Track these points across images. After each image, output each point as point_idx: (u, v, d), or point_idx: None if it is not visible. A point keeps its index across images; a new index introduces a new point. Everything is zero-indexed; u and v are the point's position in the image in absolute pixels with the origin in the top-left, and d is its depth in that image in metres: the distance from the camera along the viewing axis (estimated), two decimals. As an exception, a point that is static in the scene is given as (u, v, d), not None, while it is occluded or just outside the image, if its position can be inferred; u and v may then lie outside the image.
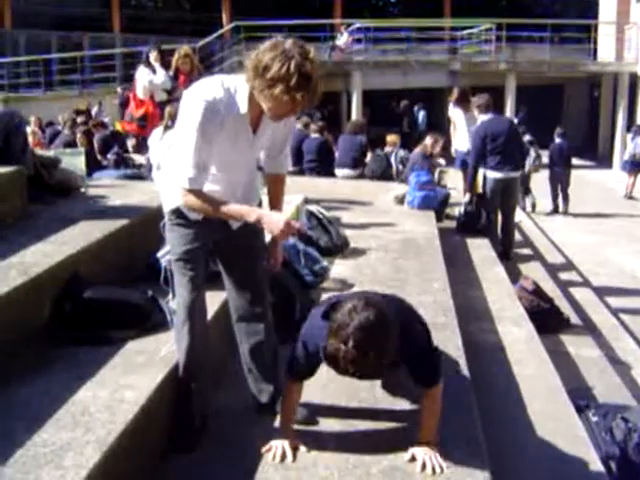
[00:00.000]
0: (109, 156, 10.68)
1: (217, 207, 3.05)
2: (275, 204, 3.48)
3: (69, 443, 2.65)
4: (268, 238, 3.39)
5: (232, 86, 2.99)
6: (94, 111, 17.29)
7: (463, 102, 9.65)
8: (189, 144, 2.95)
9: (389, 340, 2.67)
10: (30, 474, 2.44)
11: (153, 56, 9.09)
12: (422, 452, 3.00)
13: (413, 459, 2.99)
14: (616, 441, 4.29)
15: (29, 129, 12.21)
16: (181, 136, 2.99)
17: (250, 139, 3.12)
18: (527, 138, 14.60)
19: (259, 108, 2.98)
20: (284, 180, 3.52)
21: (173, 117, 6.44)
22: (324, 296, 5.14)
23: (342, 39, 24.38)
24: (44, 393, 3.03)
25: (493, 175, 8.48)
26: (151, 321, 3.77)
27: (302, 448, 3.08)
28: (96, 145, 11.17)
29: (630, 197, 17.95)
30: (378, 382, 3.65)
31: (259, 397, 3.53)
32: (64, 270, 3.76)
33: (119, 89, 16.33)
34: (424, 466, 2.95)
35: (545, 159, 16.00)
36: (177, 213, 3.22)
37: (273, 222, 2.99)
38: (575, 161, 24.33)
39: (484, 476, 2.95)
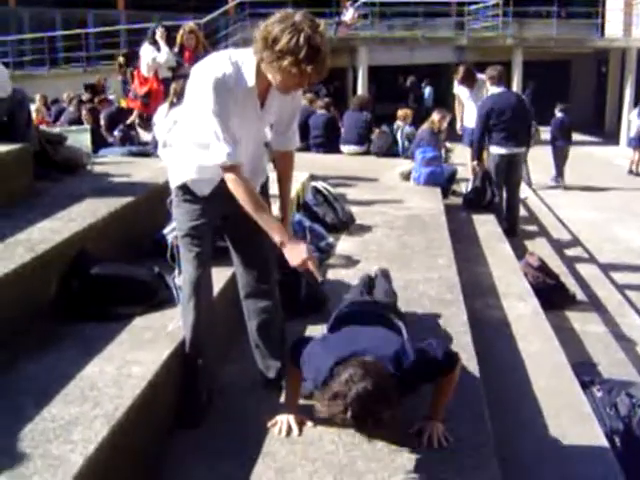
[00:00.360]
0: (115, 133, 10.66)
1: (255, 204, 3.05)
2: (284, 181, 3.47)
3: (77, 418, 2.68)
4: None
5: (240, 60, 2.98)
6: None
7: (468, 80, 9.59)
8: (213, 123, 2.94)
9: (387, 404, 2.65)
10: (39, 448, 2.47)
11: (159, 33, 9.05)
12: (428, 426, 3.02)
13: (419, 433, 3.01)
14: (620, 416, 4.30)
15: (34, 106, 12.20)
16: (202, 117, 2.98)
17: (258, 113, 3.12)
18: None
19: (267, 82, 2.97)
20: (292, 156, 3.50)
21: (179, 94, 6.43)
22: (330, 272, 5.17)
23: (348, 14, 24.20)
24: (52, 369, 3.06)
25: (497, 151, 8.46)
26: (158, 297, 3.79)
27: (308, 423, 3.10)
28: (103, 122, 11.14)
29: (637, 174, 17.86)
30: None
31: (266, 373, 3.56)
32: (71, 247, 3.78)
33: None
34: (430, 440, 2.98)
35: (547, 135, 15.92)
36: (184, 189, 3.23)
37: (295, 251, 3.03)
38: (582, 137, 24.29)
39: (489, 451, 2.97)
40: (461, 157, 10.85)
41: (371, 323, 3.28)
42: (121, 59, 13.97)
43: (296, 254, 3.03)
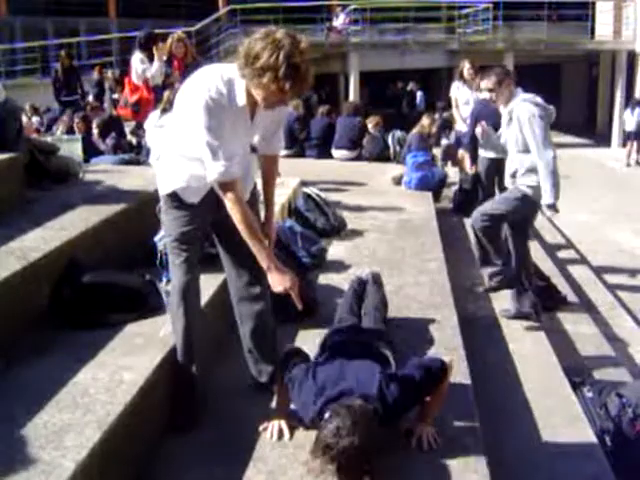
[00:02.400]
0: (107, 141, 10.67)
1: (249, 227, 3.11)
2: (269, 183, 3.51)
3: (69, 424, 2.70)
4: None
5: (231, 78, 3.02)
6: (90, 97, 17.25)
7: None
8: (208, 140, 2.98)
9: (372, 456, 2.71)
10: (31, 454, 2.49)
11: (156, 52, 9.03)
12: (418, 428, 3.05)
13: (409, 434, 3.04)
14: (611, 416, 4.34)
15: (24, 118, 12.20)
16: (198, 135, 3.01)
17: (248, 128, 3.17)
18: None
19: (255, 98, 3.01)
20: (277, 159, 3.57)
21: (171, 101, 6.45)
22: (321, 277, 5.19)
23: (339, 20, 24.28)
24: (44, 376, 3.07)
25: (486, 154, 8.47)
26: (149, 304, 3.81)
27: (299, 427, 3.12)
28: (96, 129, 11.14)
29: (637, 162, 17.79)
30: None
31: (259, 377, 3.59)
32: (62, 255, 3.80)
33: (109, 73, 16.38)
34: (420, 441, 3.01)
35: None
36: (173, 197, 3.26)
37: (279, 280, 3.13)
38: (573, 139, 24.39)
39: (478, 453, 2.99)
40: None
41: (358, 353, 3.31)
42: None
43: (280, 281, 3.13)
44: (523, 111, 5.14)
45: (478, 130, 5.57)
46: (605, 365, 5.54)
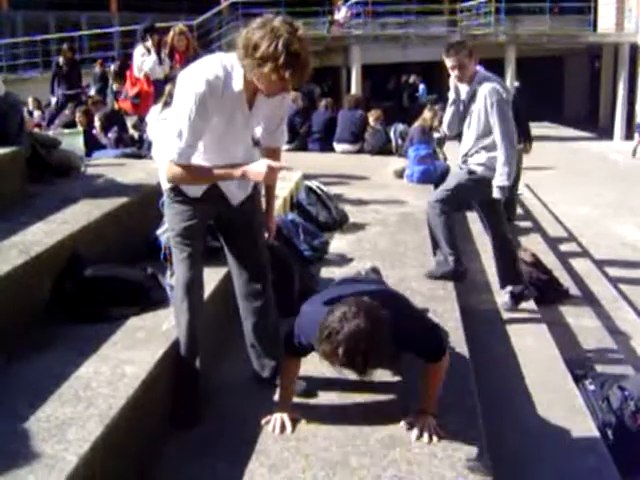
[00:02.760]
0: (110, 134, 10.66)
1: (201, 175, 3.11)
2: None
3: (72, 418, 2.70)
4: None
5: (229, 64, 3.01)
6: (92, 91, 17.24)
7: None
8: (183, 120, 2.97)
9: (380, 345, 2.66)
10: (34, 448, 2.49)
11: (150, 42, 9.02)
12: (419, 421, 3.05)
13: (411, 427, 3.05)
14: (612, 409, 4.34)
15: (25, 110, 12.19)
16: (177, 112, 3.01)
17: (246, 116, 3.15)
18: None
19: (254, 85, 3.00)
20: (279, 152, 3.54)
21: (173, 95, 6.44)
22: (323, 270, 5.19)
23: (340, 13, 24.24)
24: (46, 370, 3.08)
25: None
26: (151, 298, 3.81)
27: (301, 420, 3.13)
28: (98, 122, 11.13)
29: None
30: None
31: (261, 372, 3.59)
32: (64, 249, 3.80)
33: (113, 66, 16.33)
34: (421, 434, 3.01)
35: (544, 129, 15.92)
36: (176, 191, 3.25)
37: (256, 170, 3.02)
38: (576, 132, 24.37)
39: (480, 445, 2.99)
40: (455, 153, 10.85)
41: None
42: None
43: (259, 170, 3.02)
44: (491, 92, 5.01)
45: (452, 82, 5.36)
46: (607, 358, 5.56)
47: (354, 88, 22.96)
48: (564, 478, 3.44)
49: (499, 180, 5.05)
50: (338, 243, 6.01)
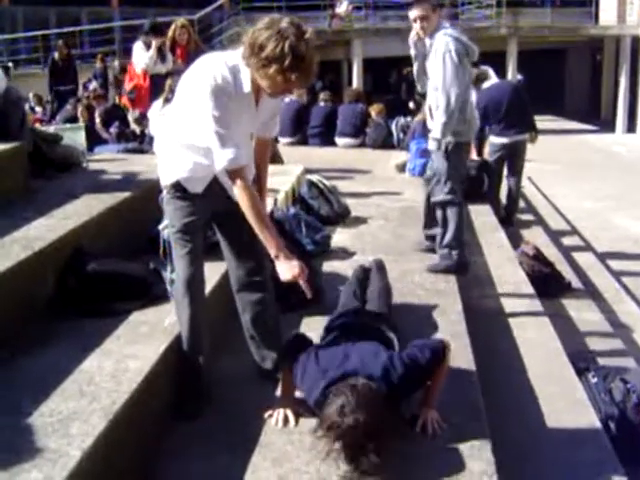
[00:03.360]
0: (111, 129, 10.67)
1: (257, 214, 3.09)
2: (262, 165, 3.48)
3: (75, 412, 2.71)
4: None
5: (236, 65, 3.00)
6: (92, 86, 17.23)
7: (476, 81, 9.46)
8: (216, 128, 2.97)
9: (381, 431, 2.69)
10: (37, 443, 2.50)
11: (154, 43, 8.99)
12: (423, 414, 3.06)
13: (413, 421, 3.05)
14: (615, 402, 4.34)
15: (27, 106, 12.21)
16: (206, 124, 3.00)
17: (253, 114, 3.16)
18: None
19: (258, 84, 3.00)
20: (270, 144, 3.57)
21: (173, 90, 6.44)
22: (326, 264, 5.19)
23: (342, 7, 24.17)
24: (50, 364, 3.09)
25: (499, 140, 8.45)
26: (153, 293, 3.82)
27: (304, 413, 3.13)
28: (98, 118, 11.14)
29: None
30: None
31: (262, 364, 3.59)
32: (67, 244, 3.81)
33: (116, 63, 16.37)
34: (424, 427, 3.01)
35: (550, 123, 15.86)
36: (176, 187, 3.25)
37: (287, 267, 3.06)
38: (578, 125, 24.34)
39: (483, 439, 3.00)
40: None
41: (362, 335, 3.32)
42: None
43: (288, 269, 3.07)
44: (441, 44, 4.98)
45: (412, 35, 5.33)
46: (610, 351, 5.56)
47: (355, 82, 22.94)
48: (566, 471, 3.43)
49: (433, 132, 5.12)
50: (340, 237, 6.01)
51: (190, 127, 3.11)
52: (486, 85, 8.58)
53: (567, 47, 29.13)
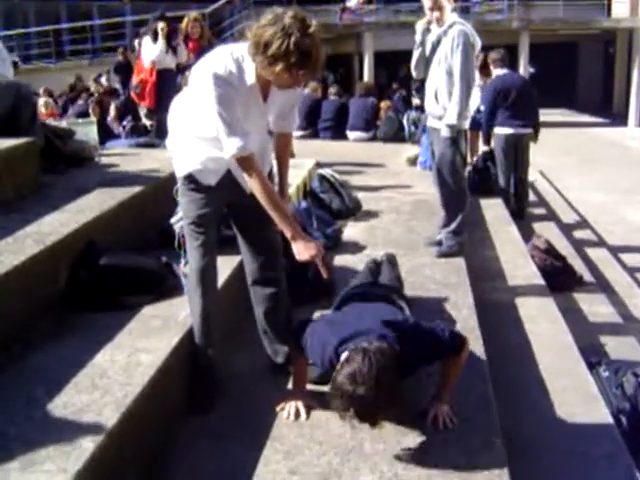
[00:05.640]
0: (124, 123, 10.70)
1: (270, 198, 3.11)
2: (282, 161, 3.51)
3: (88, 405, 2.72)
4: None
5: (241, 57, 3.01)
6: (103, 79, 17.28)
7: (486, 69, 9.48)
8: (221, 118, 2.99)
9: (393, 393, 2.70)
10: (51, 435, 2.52)
11: (160, 28, 9.00)
12: (434, 407, 3.07)
13: (425, 414, 3.06)
14: (627, 396, 4.33)
15: (41, 100, 12.25)
16: (209, 113, 3.02)
17: (261, 107, 3.17)
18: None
19: (266, 78, 3.01)
20: (291, 138, 3.59)
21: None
22: (337, 258, 5.20)
23: (352, 0, 24.13)
24: (63, 358, 3.10)
25: (503, 131, 8.43)
26: (165, 286, 3.83)
27: (315, 407, 3.14)
28: (113, 112, 11.16)
29: None
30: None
31: (275, 358, 3.61)
32: (79, 239, 3.82)
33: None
34: (435, 421, 3.02)
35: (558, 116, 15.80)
36: (190, 179, 3.27)
37: (304, 247, 3.10)
38: (590, 119, 24.24)
39: (494, 432, 3.01)
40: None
41: (376, 302, 3.32)
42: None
43: (305, 250, 3.10)
44: (458, 34, 5.08)
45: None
46: (621, 345, 5.53)
47: (366, 75, 22.90)
48: (577, 464, 3.43)
49: (448, 118, 5.16)
50: (351, 231, 6.02)
51: (201, 119, 3.13)
52: (499, 73, 8.54)
53: (579, 40, 28.96)
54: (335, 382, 2.70)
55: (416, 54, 5.47)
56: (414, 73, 5.64)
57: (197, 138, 3.21)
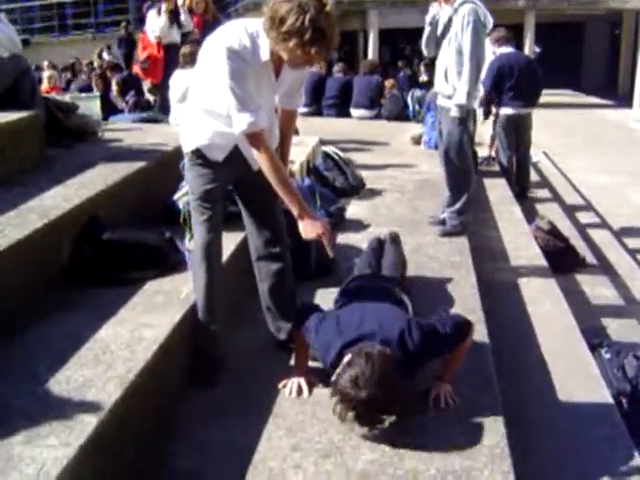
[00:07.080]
0: (127, 98, 10.65)
1: (279, 176, 3.10)
2: (286, 136, 3.50)
3: (91, 380, 2.73)
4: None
5: (255, 32, 2.99)
6: (105, 54, 17.20)
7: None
8: (233, 93, 2.97)
9: (394, 401, 2.73)
10: (54, 410, 2.52)
11: (165, 6, 8.95)
12: (436, 387, 3.07)
13: (426, 394, 3.06)
14: (628, 378, 4.33)
15: (46, 74, 12.21)
16: (221, 88, 3.00)
17: (273, 84, 3.15)
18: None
19: (280, 55, 2.99)
20: (296, 115, 3.57)
21: (190, 57, 6.43)
22: (340, 236, 5.19)
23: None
24: (66, 333, 3.10)
25: (505, 111, 8.38)
26: (169, 262, 3.83)
27: (318, 384, 3.15)
28: (115, 86, 11.11)
29: None
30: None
31: (278, 335, 3.62)
32: (83, 213, 3.82)
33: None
34: (437, 400, 3.03)
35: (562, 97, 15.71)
36: (197, 154, 3.26)
37: (311, 226, 3.10)
38: (595, 100, 24.10)
39: (496, 413, 3.01)
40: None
41: (377, 298, 3.33)
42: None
43: (311, 228, 3.10)
44: (470, 12, 5.08)
45: None
46: (623, 327, 5.53)
47: (371, 53, 22.76)
48: (578, 446, 3.44)
49: (457, 98, 5.15)
50: (355, 209, 6.01)
51: (210, 94, 3.11)
52: (505, 50, 8.46)
53: (585, 21, 28.75)
54: (337, 385, 2.73)
55: (427, 32, 5.44)
56: (424, 51, 5.62)
57: (206, 113, 3.19)
